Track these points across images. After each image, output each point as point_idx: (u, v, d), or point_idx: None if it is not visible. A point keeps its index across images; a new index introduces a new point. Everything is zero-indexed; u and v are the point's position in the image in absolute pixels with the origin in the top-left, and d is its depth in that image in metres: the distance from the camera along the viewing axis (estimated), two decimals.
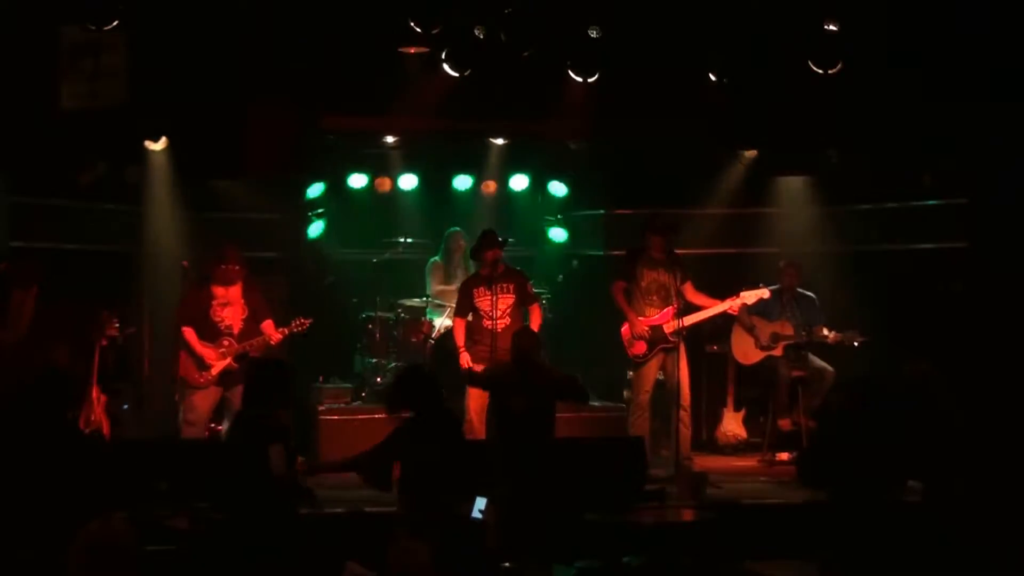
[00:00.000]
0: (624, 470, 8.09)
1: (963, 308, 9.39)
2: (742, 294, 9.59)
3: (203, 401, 8.94)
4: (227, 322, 9.02)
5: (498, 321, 9.15)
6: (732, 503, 8.27)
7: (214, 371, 8.92)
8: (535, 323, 9.31)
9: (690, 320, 9.41)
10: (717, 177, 11.35)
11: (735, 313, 9.81)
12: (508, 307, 9.28)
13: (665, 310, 9.40)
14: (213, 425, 9.19)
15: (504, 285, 9.24)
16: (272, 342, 9.08)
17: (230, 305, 9.05)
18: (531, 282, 9.58)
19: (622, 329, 9.47)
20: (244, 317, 9.08)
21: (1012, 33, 8.31)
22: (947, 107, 8.75)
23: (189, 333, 8.95)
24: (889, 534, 5.97)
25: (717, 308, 9.55)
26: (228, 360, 8.96)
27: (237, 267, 9.03)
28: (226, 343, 8.99)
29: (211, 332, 8.99)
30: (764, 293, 9.67)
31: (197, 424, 8.93)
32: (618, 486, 7.62)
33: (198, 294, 9.07)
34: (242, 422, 6.72)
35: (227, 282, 9.00)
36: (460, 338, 9.26)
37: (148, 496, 7.06)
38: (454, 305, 9.84)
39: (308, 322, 9.16)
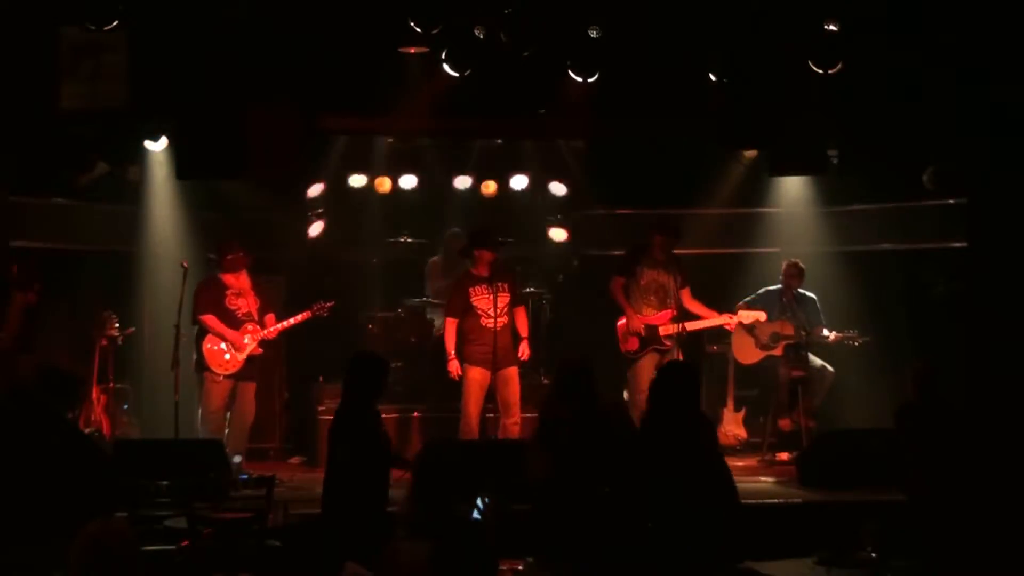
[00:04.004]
0: None
1: (963, 308, 9.38)
2: (740, 312, 9.67)
3: (221, 392, 9.19)
4: (244, 310, 9.29)
5: (497, 319, 9.16)
6: None
7: (242, 357, 9.11)
8: (522, 324, 9.36)
9: (686, 327, 9.45)
10: (717, 177, 11.36)
11: (730, 329, 9.87)
12: (506, 305, 9.29)
13: (662, 312, 9.44)
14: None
15: (500, 284, 9.24)
16: (296, 322, 9.41)
17: (243, 296, 9.29)
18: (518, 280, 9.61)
19: (618, 323, 9.50)
20: (259, 306, 9.36)
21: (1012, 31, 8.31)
22: (947, 107, 8.75)
23: (212, 320, 9.15)
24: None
25: (712, 322, 9.69)
26: (255, 345, 9.22)
27: (242, 253, 9.28)
28: (251, 328, 9.23)
29: (231, 321, 9.23)
30: (761, 316, 9.80)
31: (216, 414, 9.17)
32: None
33: (211, 287, 9.26)
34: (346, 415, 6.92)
35: (235, 269, 9.25)
36: (452, 342, 9.23)
37: (148, 496, 7.05)
38: None
39: (330, 304, 9.46)
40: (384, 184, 11.50)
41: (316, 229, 11.27)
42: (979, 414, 7.50)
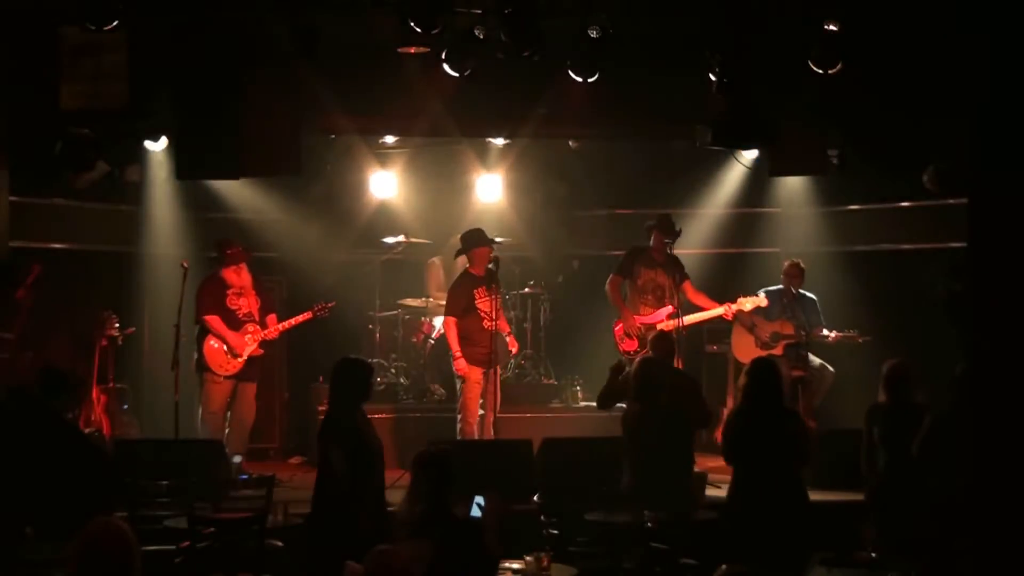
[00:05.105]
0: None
1: (963, 308, 9.37)
2: (740, 300, 9.65)
3: (222, 393, 9.20)
4: (245, 310, 9.32)
5: (496, 322, 9.19)
6: None
7: (243, 357, 9.12)
8: (503, 321, 9.54)
9: (685, 321, 9.44)
10: (717, 177, 11.36)
11: (729, 319, 9.85)
12: (500, 306, 9.33)
13: (659, 310, 9.43)
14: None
15: (496, 285, 9.27)
16: (297, 322, 9.43)
17: (245, 295, 9.31)
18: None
19: (615, 326, 9.51)
20: (260, 306, 9.36)
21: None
22: (948, 106, 8.74)
23: (215, 321, 9.16)
24: None
25: (713, 312, 9.63)
26: (255, 345, 9.23)
27: (241, 248, 9.29)
28: (252, 329, 9.26)
29: (232, 321, 9.24)
30: (762, 301, 9.73)
31: (217, 414, 9.19)
32: (618, 486, 7.61)
33: (213, 286, 9.24)
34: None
35: (236, 263, 9.24)
36: (456, 342, 9.25)
37: (148, 496, 7.05)
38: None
39: (331, 305, 9.49)
40: (384, 184, 11.49)
41: (316, 229, 11.26)
42: (978, 414, 7.47)
